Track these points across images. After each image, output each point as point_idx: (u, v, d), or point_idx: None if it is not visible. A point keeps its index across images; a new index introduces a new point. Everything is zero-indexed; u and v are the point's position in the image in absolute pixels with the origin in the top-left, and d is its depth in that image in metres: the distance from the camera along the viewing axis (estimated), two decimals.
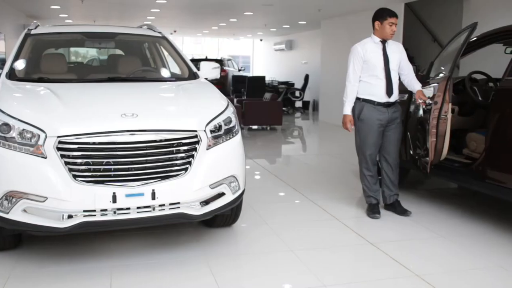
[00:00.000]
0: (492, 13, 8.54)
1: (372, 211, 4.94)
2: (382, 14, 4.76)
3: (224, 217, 4.26)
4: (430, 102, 4.55)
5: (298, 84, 17.31)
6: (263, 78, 16.40)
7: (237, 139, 3.92)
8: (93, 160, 3.31)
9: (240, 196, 3.95)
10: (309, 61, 17.95)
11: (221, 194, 3.72)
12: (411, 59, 5.64)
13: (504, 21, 5.45)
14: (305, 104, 16.96)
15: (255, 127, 11.89)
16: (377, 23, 4.78)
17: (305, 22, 15.87)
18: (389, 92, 4.72)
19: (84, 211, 3.30)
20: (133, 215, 3.40)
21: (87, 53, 11.80)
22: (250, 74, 22.91)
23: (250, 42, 27.61)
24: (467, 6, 9.33)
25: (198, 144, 3.56)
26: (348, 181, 6.03)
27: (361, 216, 4.97)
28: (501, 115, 4.31)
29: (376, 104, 4.74)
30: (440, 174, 5.22)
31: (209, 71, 5.09)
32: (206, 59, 18.57)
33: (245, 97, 15.02)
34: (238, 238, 4.28)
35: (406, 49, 5.11)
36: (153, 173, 3.42)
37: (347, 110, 4.81)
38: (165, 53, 5.43)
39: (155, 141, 3.43)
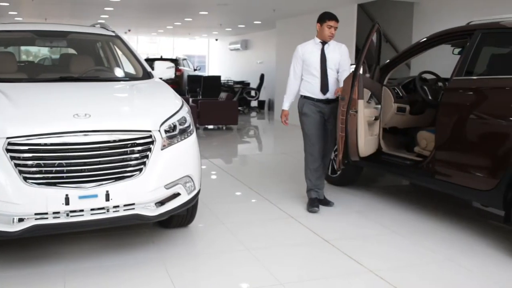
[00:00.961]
0: (440, 16, 8.81)
1: (312, 205, 5.12)
2: (322, 17, 5.05)
3: (180, 218, 4.23)
4: (343, 98, 4.73)
5: (254, 84, 17.35)
6: (218, 77, 16.36)
7: (192, 139, 3.90)
8: (45, 162, 3.23)
9: (196, 196, 3.94)
10: (265, 60, 18.02)
11: (176, 195, 3.70)
12: (372, 57, 5.74)
13: (452, 23, 5.61)
14: (261, 104, 17.02)
15: (210, 126, 11.86)
16: (318, 25, 5.06)
17: (260, 22, 15.92)
18: (323, 89, 4.96)
19: (36, 214, 3.22)
20: (87, 217, 3.34)
21: (38, 52, 11.49)
22: (205, 74, 22.82)
23: (206, 42, 27.51)
24: (417, 9, 9.59)
25: (153, 145, 3.52)
26: (303, 179, 6.08)
27: (316, 214, 5.03)
28: (448, 114, 4.44)
29: (316, 101, 4.99)
30: (392, 171, 5.35)
31: (163, 70, 5.05)
32: (161, 59, 18.40)
33: (200, 96, 14.95)
34: (195, 238, 4.27)
35: (359, 49, 5.21)
36: (107, 174, 3.37)
37: (285, 105, 5.20)
38: (119, 52, 5.36)
39: (108, 141, 3.38)
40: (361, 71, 4.76)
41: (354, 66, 5.14)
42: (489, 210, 5.11)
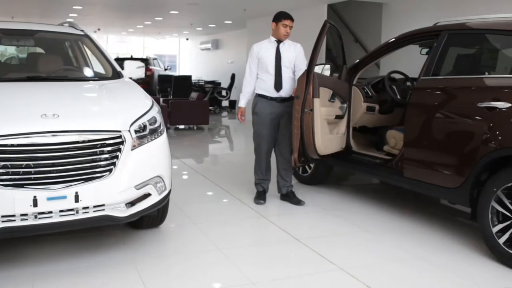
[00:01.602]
0: (408, 17, 8.95)
1: (258, 197, 5.33)
2: (278, 16, 5.13)
3: (151, 218, 4.20)
4: (298, 96, 4.79)
5: (225, 84, 17.34)
6: (189, 77, 16.30)
7: (163, 139, 3.88)
8: (12, 163, 3.17)
9: (167, 197, 3.91)
10: (236, 60, 18.02)
11: (147, 195, 3.67)
12: (334, 58, 5.81)
13: (419, 24, 5.70)
14: (232, 103, 17.01)
15: (181, 126, 11.80)
16: (273, 24, 5.14)
17: (231, 22, 15.92)
18: (277, 87, 5.05)
19: (3, 216, 3.15)
20: (56, 219, 3.29)
21: (5, 51, 11.26)
22: (176, 74, 22.70)
23: (176, 41, 27.37)
24: (385, 9, 9.72)
25: (123, 145, 3.49)
26: (274, 179, 6.12)
27: (287, 213, 5.06)
28: (416, 113, 4.52)
29: (269, 99, 5.09)
30: (362, 170, 5.41)
31: (133, 70, 5.01)
32: (131, 58, 18.24)
33: (171, 96, 14.87)
34: (166, 239, 4.25)
35: (329, 49, 5.27)
36: (76, 175, 3.32)
37: (241, 103, 5.34)
38: (88, 52, 5.29)
39: (77, 142, 3.33)
40: (316, 70, 4.81)
41: (323, 65, 5.21)
42: (456, 207, 5.21)
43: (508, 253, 3.72)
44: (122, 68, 4.87)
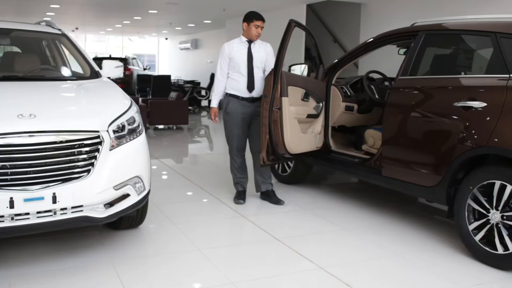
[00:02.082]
0: (386, 17, 9.03)
1: (238, 197, 5.34)
2: (249, 17, 5.13)
3: (129, 219, 4.18)
4: (266, 95, 4.83)
5: (204, 83, 17.31)
6: (168, 77, 16.23)
7: (141, 139, 3.86)
8: None
9: (146, 197, 3.89)
10: (215, 60, 17.97)
11: (126, 195, 3.64)
12: (312, 58, 5.83)
13: (397, 24, 5.75)
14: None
15: (161, 126, 11.74)
16: (244, 24, 5.16)
17: (210, 21, 15.90)
18: (250, 87, 5.09)
19: None
20: (33, 220, 3.25)
21: None
22: (155, 73, 22.60)
23: (156, 41, 27.24)
24: (364, 9, 9.80)
25: (101, 145, 3.46)
26: (253, 178, 6.13)
27: (267, 213, 5.07)
28: (394, 113, 4.56)
29: (241, 99, 5.13)
30: (341, 169, 5.45)
31: (112, 70, 4.98)
32: (110, 58, 18.12)
33: (150, 96, 14.79)
34: (145, 240, 4.22)
35: (308, 49, 5.30)
36: (53, 175, 3.29)
37: (213, 103, 5.32)
38: (66, 51, 5.24)
39: (55, 142, 3.29)
40: (295, 70, 4.85)
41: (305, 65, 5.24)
42: (433, 205, 5.28)
43: (483, 250, 3.78)
44: (100, 67, 4.84)
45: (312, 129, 5.22)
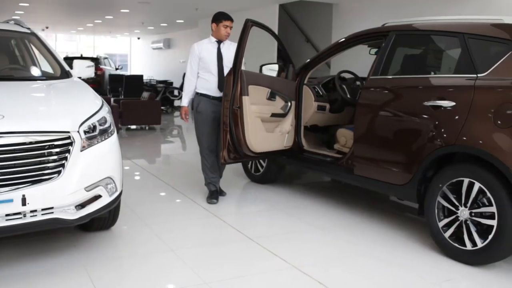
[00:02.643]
0: (358, 17, 9.12)
1: (211, 197, 5.32)
2: (218, 17, 5.20)
3: (102, 220, 4.14)
4: (226, 94, 4.87)
5: (177, 83, 17.22)
6: (141, 77, 16.11)
7: (113, 140, 3.82)
8: None
9: (118, 198, 3.86)
10: (188, 60, 17.90)
11: (97, 197, 3.60)
12: (289, 58, 5.86)
13: (368, 24, 5.82)
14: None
15: (133, 127, 11.65)
16: (213, 25, 5.22)
17: (183, 21, 15.84)
18: (221, 87, 5.10)
19: None
20: (2, 223, 3.19)
21: None
22: (127, 73, 22.41)
23: (128, 40, 27.02)
24: (336, 10, 9.88)
25: (72, 146, 3.42)
26: (227, 178, 6.13)
27: (240, 212, 5.08)
28: (365, 112, 4.61)
29: (212, 98, 5.17)
30: (314, 168, 5.49)
31: (83, 69, 4.92)
32: (81, 57, 17.92)
33: (122, 96, 14.67)
34: (118, 241, 4.19)
35: (280, 49, 5.33)
36: (23, 177, 3.23)
37: (184, 102, 5.40)
38: (35, 50, 5.16)
39: (24, 143, 3.24)
40: (243, 68, 4.88)
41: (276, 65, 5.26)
42: (404, 203, 5.35)
43: (453, 246, 3.85)
44: (71, 67, 4.78)
45: (280, 129, 5.25)
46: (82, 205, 3.51)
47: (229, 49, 5.19)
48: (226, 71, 5.11)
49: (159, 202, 5.39)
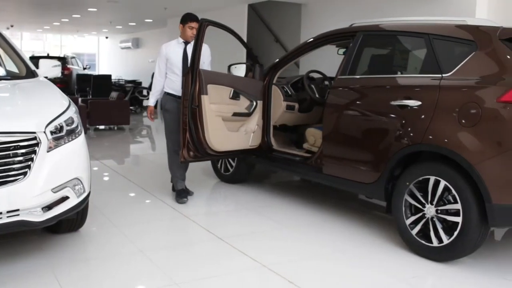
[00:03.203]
0: (326, 17, 9.19)
1: (180, 196, 5.32)
2: (184, 18, 5.27)
3: (69, 222, 4.08)
4: (185, 93, 4.88)
5: (146, 83, 17.08)
6: (109, 76, 15.93)
7: (81, 140, 3.78)
8: None
9: (86, 199, 3.82)
10: (156, 59, 17.78)
11: (64, 198, 3.55)
12: (255, 57, 5.87)
13: (337, 24, 5.86)
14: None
15: (101, 127, 11.51)
16: (180, 26, 5.30)
17: (151, 20, 15.72)
18: None
19: None
20: None
21: None
22: (95, 73, 22.14)
23: (96, 40, 26.69)
24: (304, 10, 9.93)
25: (38, 147, 3.36)
26: (196, 178, 6.12)
27: (210, 212, 5.08)
28: (334, 112, 4.66)
29: (178, 98, 5.17)
30: (283, 168, 5.51)
31: (49, 69, 4.85)
32: (47, 57, 17.64)
33: (90, 96, 14.48)
34: (86, 243, 4.14)
35: (250, 49, 5.34)
36: None
37: (150, 102, 5.50)
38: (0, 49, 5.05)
39: None
40: (207, 67, 4.90)
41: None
42: (373, 201, 5.42)
43: (420, 243, 3.91)
44: (37, 67, 4.70)
45: (245, 128, 5.26)
46: (49, 207, 3.46)
47: None
48: None
49: (128, 203, 5.34)
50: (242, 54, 8.71)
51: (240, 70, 5.59)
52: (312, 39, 5.27)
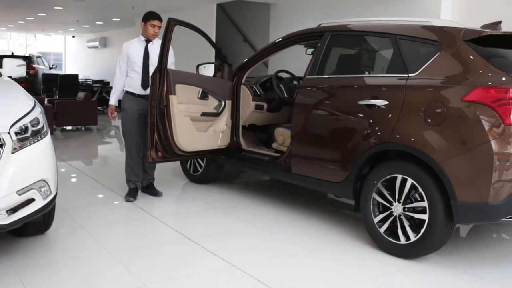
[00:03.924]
0: (295, 17, 9.24)
1: (129, 195, 5.35)
2: (146, 16, 5.28)
3: (36, 225, 4.00)
4: (153, 93, 4.87)
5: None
6: (76, 76, 15.72)
7: (46, 141, 3.71)
8: None
9: (53, 201, 3.75)
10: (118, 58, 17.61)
11: (30, 200, 3.48)
12: (224, 57, 5.87)
13: (305, 24, 5.91)
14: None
15: (68, 127, 11.34)
16: (142, 24, 5.32)
17: (119, 19, 15.56)
18: (144, 85, 5.18)
19: None
20: None
21: None
22: (62, 72, 21.80)
23: (62, 39, 26.28)
24: (273, 10, 9.96)
25: (2, 148, 3.29)
26: (165, 179, 6.09)
27: (179, 213, 5.06)
28: (302, 111, 4.68)
29: (137, 96, 5.23)
30: (253, 168, 5.52)
31: (13, 68, 4.75)
32: (11, 56, 17.30)
33: (57, 96, 14.26)
34: (53, 246, 4.07)
35: (219, 48, 5.33)
36: None
37: (111, 101, 5.42)
38: None
39: None
40: (170, 67, 4.89)
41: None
42: (342, 200, 5.47)
43: (388, 240, 3.97)
44: (1, 66, 4.60)
45: (214, 128, 5.25)
46: (14, 210, 3.39)
47: (157, 49, 5.15)
48: (152, 69, 5.09)
49: (96, 205, 5.27)
50: (211, 54, 8.70)
51: (208, 70, 5.59)
52: (280, 39, 5.29)
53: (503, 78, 3.55)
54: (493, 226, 4.84)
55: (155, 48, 5.21)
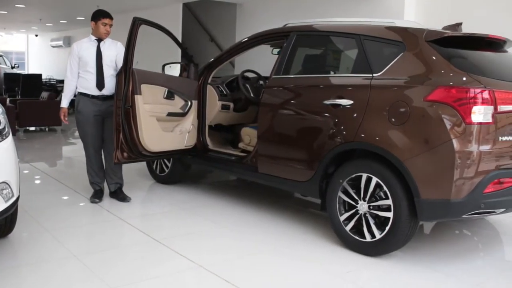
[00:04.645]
0: (261, 17, 9.27)
1: (94, 196, 5.31)
2: (96, 15, 5.18)
3: None
4: (117, 93, 4.85)
5: None
6: (39, 76, 15.43)
7: (8, 142, 3.63)
8: None
9: (15, 204, 3.68)
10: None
11: None
12: (190, 57, 5.85)
13: (271, 24, 5.93)
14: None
15: (32, 128, 11.13)
16: (92, 23, 5.19)
17: (83, 18, 15.32)
18: (99, 85, 5.08)
19: None
20: None
21: None
22: (25, 72, 21.38)
23: (25, 37, 25.76)
24: (239, 10, 9.97)
25: None
26: (131, 180, 6.03)
27: (146, 214, 5.02)
28: (268, 111, 4.70)
29: (91, 97, 5.10)
30: (219, 167, 5.51)
31: None
32: None
33: (19, 96, 13.97)
34: (16, 249, 3.99)
35: (185, 48, 5.31)
36: None
37: (63, 103, 5.27)
38: None
39: None
40: (157, 68, 4.86)
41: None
42: (308, 199, 5.51)
43: (353, 238, 4.02)
44: None
45: (180, 128, 5.23)
46: None
47: (109, 48, 5.13)
48: (106, 69, 5.05)
49: (60, 207, 5.19)
50: (177, 54, 8.65)
51: (174, 70, 5.56)
52: (246, 39, 5.29)
53: (464, 78, 3.62)
54: (455, 223, 4.95)
55: (107, 47, 5.14)
